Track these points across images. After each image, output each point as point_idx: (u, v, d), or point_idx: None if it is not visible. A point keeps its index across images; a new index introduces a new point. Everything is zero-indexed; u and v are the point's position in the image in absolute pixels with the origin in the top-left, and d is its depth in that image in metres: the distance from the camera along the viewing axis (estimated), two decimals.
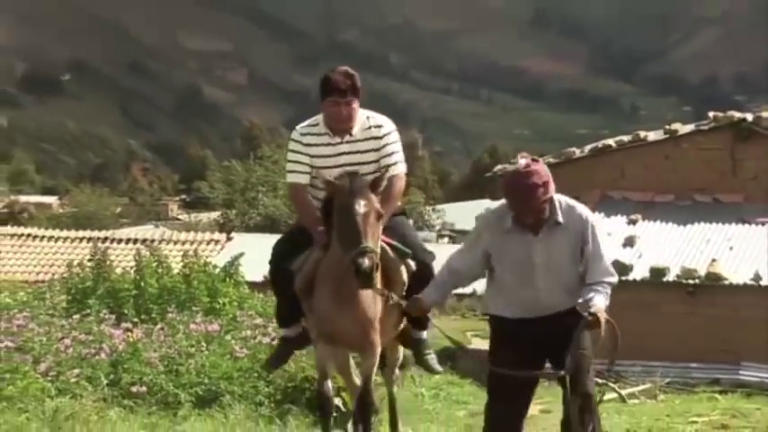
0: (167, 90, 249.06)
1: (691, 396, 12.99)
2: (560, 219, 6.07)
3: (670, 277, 17.08)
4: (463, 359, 17.41)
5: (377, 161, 7.05)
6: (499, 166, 22.89)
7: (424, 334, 7.44)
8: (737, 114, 19.84)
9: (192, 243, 29.62)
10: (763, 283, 16.51)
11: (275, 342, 11.75)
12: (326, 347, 7.03)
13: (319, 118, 7.11)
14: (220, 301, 14.61)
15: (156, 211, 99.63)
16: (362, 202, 6.38)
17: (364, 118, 7.07)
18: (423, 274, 6.89)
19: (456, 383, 14.81)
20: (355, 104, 6.93)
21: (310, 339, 7.43)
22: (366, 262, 6.11)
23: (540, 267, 6.10)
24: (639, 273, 17.78)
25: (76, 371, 10.76)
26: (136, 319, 13.30)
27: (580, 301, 5.98)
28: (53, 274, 23.03)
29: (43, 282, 19.91)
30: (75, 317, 12.87)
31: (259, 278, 17.08)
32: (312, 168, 7.09)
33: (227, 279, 15.36)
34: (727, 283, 16.64)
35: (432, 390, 13.64)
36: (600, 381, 6.30)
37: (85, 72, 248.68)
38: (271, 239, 7.96)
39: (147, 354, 11.48)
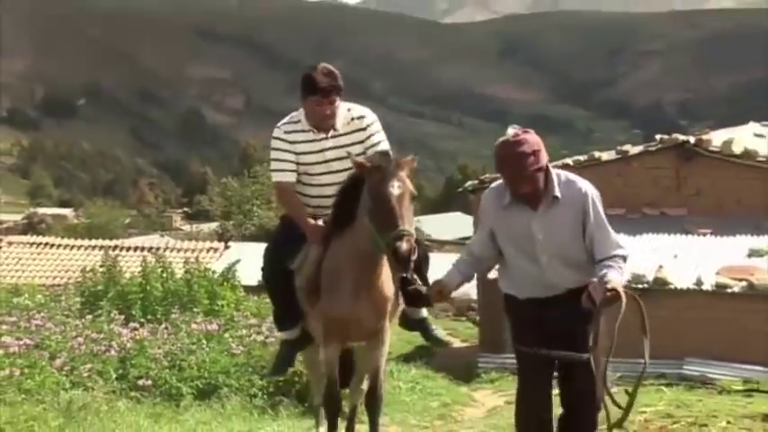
0: (172, 114, 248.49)
1: (640, 388, 12.97)
2: (558, 193, 5.38)
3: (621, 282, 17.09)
4: (438, 355, 17.37)
5: (363, 153, 6.34)
6: (469, 183, 22.93)
7: (425, 312, 6.63)
8: (681, 137, 19.89)
9: (193, 251, 29.45)
10: (704, 287, 16.52)
11: (269, 341, 11.78)
12: (336, 349, 6.22)
13: (300, 115, 6.43)
14: (219, 303, 14.56)
15: (161, 222, 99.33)
16: (397, 184, 5.63)
17: (345, 110, 6.40)
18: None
19: (430, 377, 14.73)
20: (337, 102, 6.28)
21: (310, 339, 6.69)
22: (404, 246, 5.34)
23: (542, 243, 5.40)
24: None
25: (89, 366, 10.71)
26: (142, 320, 13.26)
27: (594, 279, 5.26)
28: (68, 279, 22.92)
29: (59, 285, 19.85)
30: (87, 317, 12.82)
31: (254, 282, 17.02)
32: (298, 166, 6.41)
33: (225, 283, 15.31)
34: (672, 287, 16.63)
35: (408, 383, 13.57)
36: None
37: (99, 97, 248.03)
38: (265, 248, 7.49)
39: (153, 350, 11.44)
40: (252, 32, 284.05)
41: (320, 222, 6.27)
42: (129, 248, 31.35)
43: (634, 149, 20.28)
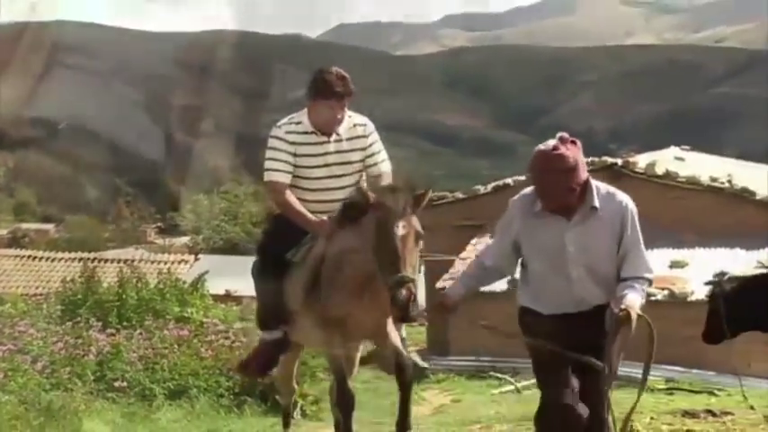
0: (147, 137, 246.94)
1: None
2: (596, 204, 4.76)
3: None
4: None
5: (362, 160, 5.85)
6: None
7: (404, 332, 5.89)
8: (610, 159, 20.15)
9: (165, 263, 29.15)
10: None
11: (235, 345, 11.73)
12: (340, 345, 5.59)
13: (301, 117, 5.82)
14: (189, 311, 14.45)
15: (137, 237, 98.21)
16: (402, 224, 4.98)
17: (347, 117, 5.84)
18: None
19: (383, 378, 14.66)
20: (346, 107, 5.77)
21: (290, 343, 6.07)
22: (403, 293, 4.80)
23: (574, 255, 4.72)
24: None
25: (68, 369, 10.62)
26: (118, 326, 13.10)
27: (615, 298, 4.70)
28: (50, 289, 22.65)
29: (41, 295, 19.63)
30: (67, 324, 12.68)
31: (222, 291, 17.00)
32: (296, 168, 5.74)
33: (195, 292, 15.21)
34: None
35: (363, 383, 13.57)
36: (500, 376, 5.00)
37: (78, 122, 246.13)
38: (231, 260, 7.31)
39: (128, 354, 11.37)
40: (220, 63, 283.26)
41: (325, 218, 5.64)
42: (106, 260, 30.95)
43: None
